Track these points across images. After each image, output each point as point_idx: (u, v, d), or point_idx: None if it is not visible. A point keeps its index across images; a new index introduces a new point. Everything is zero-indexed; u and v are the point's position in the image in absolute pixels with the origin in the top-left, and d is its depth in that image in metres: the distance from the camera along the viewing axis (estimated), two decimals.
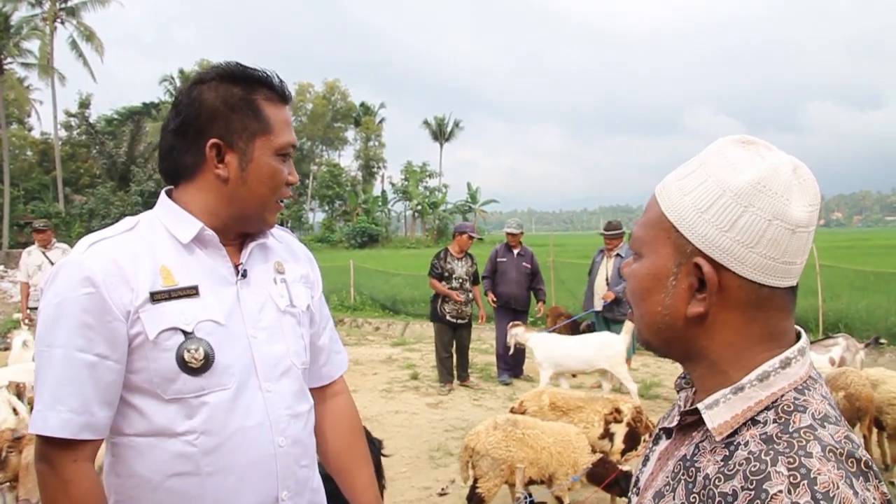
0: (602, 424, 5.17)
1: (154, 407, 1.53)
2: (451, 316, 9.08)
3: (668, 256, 1.00)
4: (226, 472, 1.55)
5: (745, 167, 0.96)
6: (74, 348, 1.47)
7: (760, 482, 0.86)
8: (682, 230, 0.99)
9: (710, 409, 0.97)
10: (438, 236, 59.33)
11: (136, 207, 35.83)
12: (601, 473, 4.49)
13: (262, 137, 1.59)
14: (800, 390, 0.96)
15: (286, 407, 1.65)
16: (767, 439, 0.91)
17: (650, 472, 1.10)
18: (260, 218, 1.66)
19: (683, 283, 0.99)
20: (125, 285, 1.50)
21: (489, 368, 10.12)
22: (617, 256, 8.84)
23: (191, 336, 1.53)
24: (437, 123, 74.94)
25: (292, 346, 1.70)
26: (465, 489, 5.05)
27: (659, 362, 10.80)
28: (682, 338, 1.02)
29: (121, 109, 48.57)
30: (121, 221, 1.66)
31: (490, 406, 8.24)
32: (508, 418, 4.69)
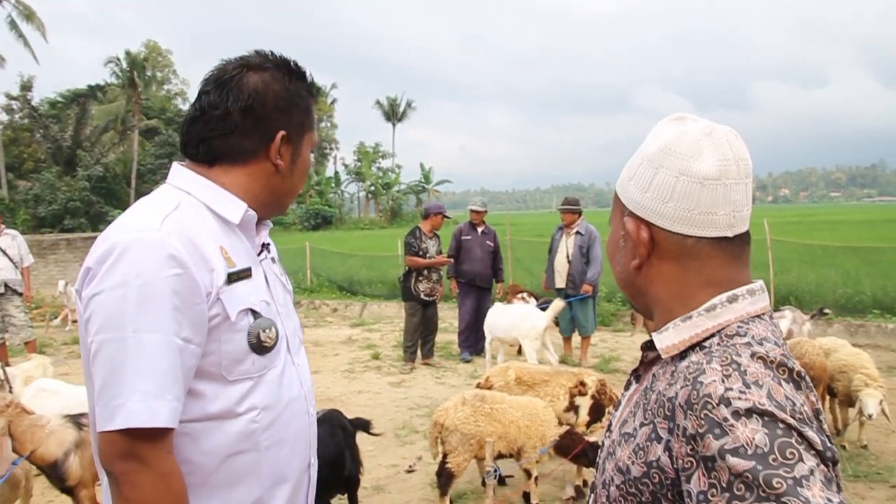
0: (567, 397, 5.24)
1: (214, 390, 1.48)
2: (426, 294, 9.14)
3: (618, 222, 1.18)
4: (281, 444, 1.58)
5: (660, 136, 1.12)
6: (172, 333, 1.37)
7: (696, 377, 0.97)
8: (621, 197, 1.17)
9: (660, 334, 1.10)
10: (392, 217, 59.16)
11: (84, 193, 35.02)
12: (568, 445, 4.56)
13: (309, 135, 1.68)
14: (745, 322, 1.05)
15: (307, 377, 1.73)
16: (707, 352, 1.02)
17: (620, 413, 1.21)
18: (283, 206, 1.72)
19: (629, 243, 1.15)
20: (205, 265, 1.45)
21: (450, 346, 10.17)
22: (577, 234, 8.95)
23: (259, 316, 1.54)
24: (389, 104, 74.48)
25: (297, 321, 1.77)
26: (432, 465, 5.09)
27: (616, 337, 10.98)
28: (639, 290, 1.17)
29: (65, 92, 47.13)
30: (160, 200, 1.53)
31: (452, 384, 8.29)
32: (476, 394, 4.72)
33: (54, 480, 3.95)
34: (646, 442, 1.03)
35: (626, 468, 1.06)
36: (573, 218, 9.01)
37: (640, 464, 1.03)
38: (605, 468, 1.15)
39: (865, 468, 5.28)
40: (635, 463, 1.04)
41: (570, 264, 8.91)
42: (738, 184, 1.07)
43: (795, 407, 0.91)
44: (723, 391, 0.91)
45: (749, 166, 1.09)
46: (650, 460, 1.01)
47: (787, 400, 0.91)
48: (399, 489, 5.18)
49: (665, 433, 0.99)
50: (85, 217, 34.73)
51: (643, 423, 1.06)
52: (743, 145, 1.09)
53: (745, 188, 1.08)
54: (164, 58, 56.90)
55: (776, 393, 0.91)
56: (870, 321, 10.42)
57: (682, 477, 0.95)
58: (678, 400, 0.97)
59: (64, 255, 19.68)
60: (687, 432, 0.93)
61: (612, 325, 11.84)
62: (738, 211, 1.07)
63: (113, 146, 41.57)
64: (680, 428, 0.95)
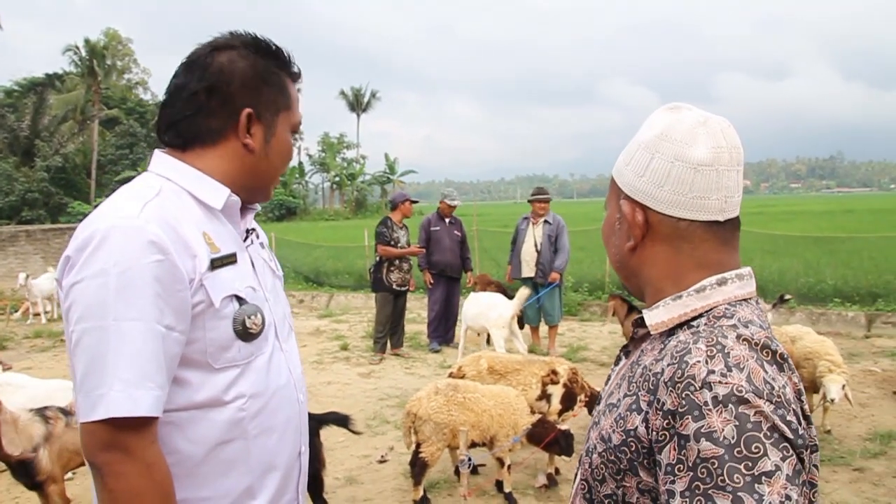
0: (539, 386, 5.27)
1: (200, 378, 1.46)
2: (398, 284, 9.12)
3: (614, 206, 1.22)
4: (269, 432, 1.56)
5: (656, 124, 1.16)
6: (153, 320, 1.35)
7: (682, 356, 1.01)
8: (618, 182, 1.21)
9: (650, 311, 1.15)
10: (357, 208, 58.95)
11: (43, 184, 34.41)
12: (541, 434, 4.59)
13: (285, 113, 1.63)
14: (733, 304, 1.10)
15: (297, 364, 1.71)
16: (694, 332, 1.07)
17: (607, 387, 1.26)
18: (266, 190, 1.68)
19: (624, 225, 1.19)
20: (187, 251, 1.42)
21: (418, 337, 10.18)
22: (545, 223, 9.00)
23: (244, 302, 1.51)
24: (353, 94, 74.01)
25: (287, 307, 1.75)
26: (404, 455, 5.10)
27: (584, 327, 11.06)
28: (632, 271, 1.21)
29: (22, 81, 46.31)
30: (141, 185, 1.51)
31: (422, 374, 8.29)
32: (449, 383, 4.73)
33: (21, 477, 3.88)
34: (626, 412, 1.09)
35: (607, 437, 1.11)
36: (546, 207, 9.05)
37: (619, 432, 1.08)
38: (589, 436, 1.20)
39: (829, 452, 5.39)
40: (616, 431, 1.09)
41: (539, 253, 8.95)
42: (730, 170, 1.12)
43: (774, 390, 0.96)
44: (705, 373, 0.96)
45: (741, 154, 1.14)
46: (628, 429, 1.06)
47: (765, 384, 0.96)
48: (372, 479, 5.17)
49: (645, 405, 1.05)
50: (44, 208, 34.16)
51: (626, 395, 1.11)
52: (735, 134, 1.14)
53: (737, 175, 1.13)
54: (124, 46, 55.98)
55: (755, 376, 0.96)
56: (830, 309, 10.62)
57: (654, 448, 1.01)
58: (663, 377, 1.02)
59: (24, 247, 19.26)
60: (665, 407, 0.99)
61: (580, 315, 11.91)
62: (729, 196, 1.12)
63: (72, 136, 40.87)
64: (659, 402, 1.01)
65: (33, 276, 13.95)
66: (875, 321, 10.23)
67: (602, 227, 1.29)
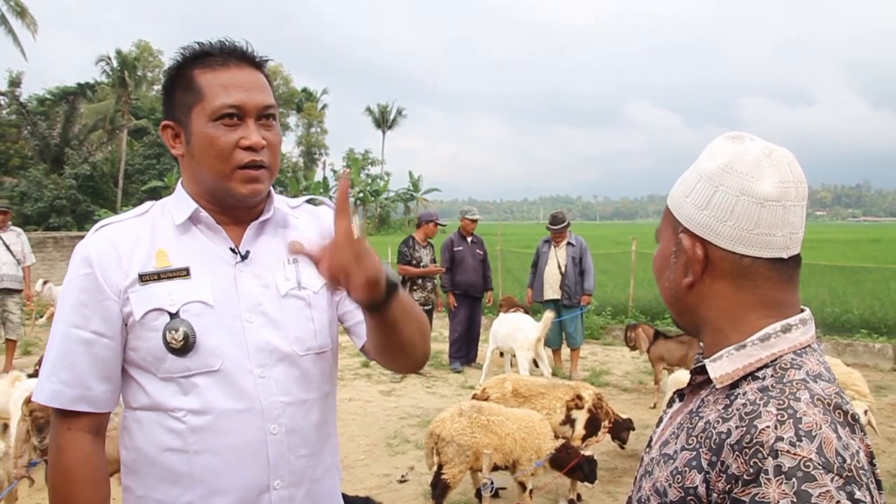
0: (564, 411, 5.24)
1: (152, 383, 1.56)
2: (420, 303, 9.06)
3: (670, 238, 1.17)
4: (213, 453, 1.54)
5: (719, 154, 1.11)
6: (71, 325, 1.55)
7: (752, 419, 0.97)
8: (675, 213, 1.15)
9: (713, 362, 1.10)
10: (380, 224, 59.12)
11: (71, 191, 34.80)
12: (564, 459, 4.56)
13: (197, 107, 1.56)
14: (798, 353, 1.06)
15: (283, 394, 1.59)
16: (763, 389, 1.02)
17: (661, 429, 1.22)
18: (225, 191, 1.58)
19: (681, 259, 1.14)
20: (118, 267, 1.55)
21: (440, 356, 10.14)
22: (568, 245, 8.98)
23: (175, 317, 1.53)
24: (380, 111, 74.41)
25: (293, 333, 1.63)
26: (425, 475, 5.08)
27: (607, 351, 10.99)
28: (688, 308, 1.16)
29: (54, 89, 46.90)
30: (140, 206, 1.71)
31: (443, 393, 8.27)
32: (473, 405, 4.72)
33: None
34: (685, 467, 1.04)
35: (663, 490, 1.07)
36: (563, 235, 9.05)
37: (677, 488, 1.04)
38: (641, 485, 1.15)
39: None
40: (672, 486, 1.05)
41: (564, 275, 8.93)
42: (796, 206, 1.08)
43: (846, 463, 0.91)
44: (773, 440, 0.93)
45: (806, 189, 1.10)
46: (687, 486, 1.02)
47: (836, 456, 0.91)
48: (391, 499, 5.15)
49: (707, 465, 1.00)
50: (71, 216, 34.53)
51: (685, 448, 1.06)
52: (800, 168, 1.10)
53: (802, 210, 1.09)
54: (154, 58, 56.60)
55: (827, 447, 0.91)
56: (857, 340, 10.47)
57: None
58: (730, 439, 0.97)
59: (51, 253, 19.48)
60: (730, 470, 0.96)
61: (602, 339, 11.85)
62: (794, 233, 1.08)
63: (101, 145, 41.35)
64: (724, 465, 0.97)
65: (58, 282, 14.06)
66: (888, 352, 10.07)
67: (654, 259, 1.23)
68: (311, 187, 59.24)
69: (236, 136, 1.55)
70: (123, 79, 43.56)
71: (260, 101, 1.58)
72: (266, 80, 1.64)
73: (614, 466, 5.80)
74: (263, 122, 1.59)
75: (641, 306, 12.88)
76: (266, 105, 1.59)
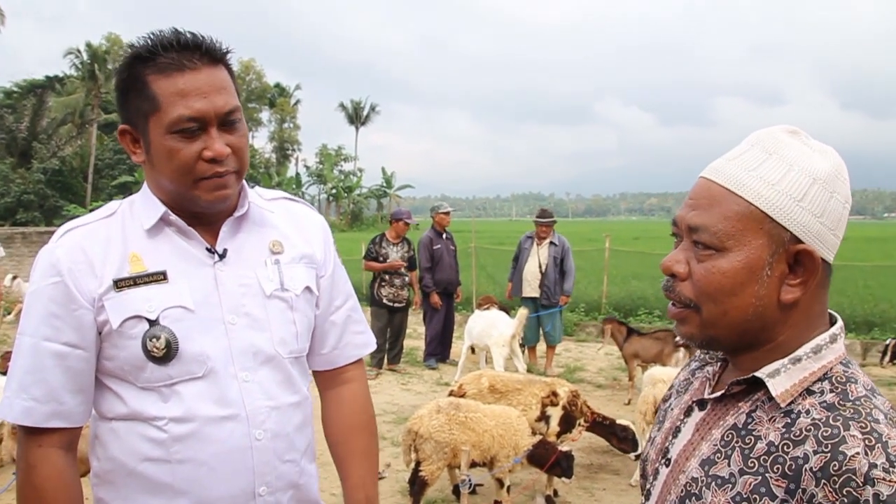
0: (539, 407, 5.26)
1: (131, 393, 1.50)
2: (388, 300, 9.06)
3: (763, 247, 1.00)
4: (196, 462, 1.49)
5: (824, 154, 1.02)
6: (41, 337, 1.47)
7: (836, 445, 0.91)
8: (780, 219, 0.99)
9: (772, 378, 1.01)
10: (353, 220, 59.01)
11: (39, 185, 34.36)
12: (542, 455, 4.58)
13: (153, 117, 1.44)
14: (844, 364, 1.02)
15: (267, 398, 1.56)
16: (829, 407, 0.96)
17: (687, 442, 1.11)
18: (190, 199, 1.51)
19: (777, 272, 1.01)
20: (91, 273, 1.47)
21: (415, 353, 10.13)
22: (551, 244, 8.97)
23: (155, 324, 1.47)
24: (353, 107, 74.15)
25: (277, 334, 1.59)
26: (402, 472, 5.07)
27: (581, 347, 11.05)
28: (764, 326, 1.03)
29: (21, 82, 46.15)
30: (104, 206, 1.62)
31: (419, 390, 8.27)
32: (451, 402, 4.72)
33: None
34: (752, 494, 0.97)
35: None
36: (550, 230, 9.04)
37: None
38: None
39: None
40: None
41: (544, 274, 8.93)
42: None
43: None
44: (867, 467, 0.89)
45: None
46: None
47: None
48: None
49: (782, 492, 0.95)
50: (39, 211, 34.10)
51: (745, 472, 0.99)
52: None
53: None
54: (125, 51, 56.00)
55: None
56: None
57: None
58: (809, 464, 0.92)
59: (19, 248, 19.14)
60: (815, 500, 0.91)
61: (576, 335, 11.91)
62: None
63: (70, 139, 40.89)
64: (805, 493, 0.92)
65: (26, 278, 13.83)
66: (870, 350, 10.27)
67: (724, 273, 1.02)
68: (284, 183, 58.92)
69: (197, 147, 1.45)
70: (93, 72, 43.05)
71: (221, 106, 1.46)
72: (229, 74, 1.52)
73: (590, 462, 5.84)
74: (226, 126, 1.49)
75: (615, 303, 12.97)
76: (228, 110, 1.47)
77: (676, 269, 1.07)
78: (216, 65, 1.48)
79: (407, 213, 9.55)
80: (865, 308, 11.50)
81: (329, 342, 1.78)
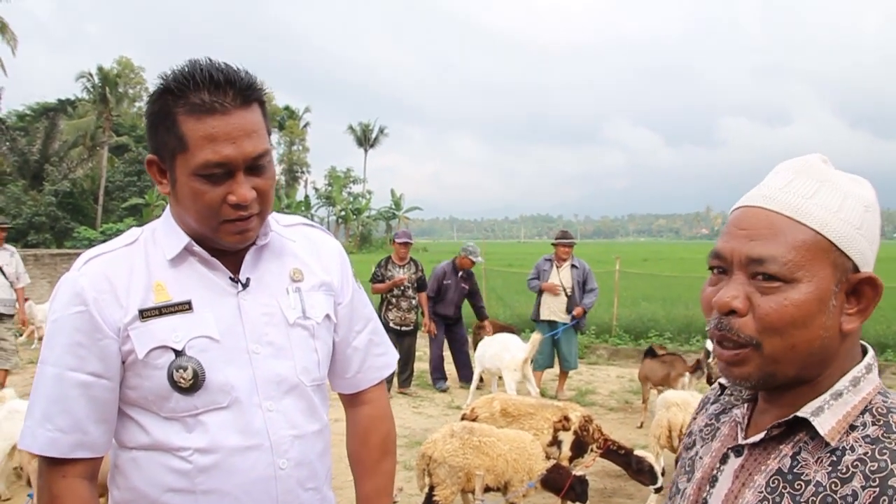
0: (551, 432, 5.23)
1: (154, 423, 1.50)
2: (395, 323, 9.03)
3: (829, 277, 0.98)
4: (221, 493, 1.50)
5: (861, 182, 1.03)
6: (66, 367, 1.46)
7: (885, 479, 0.90)
8: (844, 248, 0.98)
9: (816, 417, 0.98)
10: (362, 242, 59.09)
11: (50, 208, 34.50)
12: (556, 480, 4.55)
13: (181, 156, 1.43)
14: (883, 393, 1.01)
15: (290, 427, 1.57)
16: (874, 441, 0.95)
17: (728, 491, 1.07)
18: (213, 239, 1.52)
19: (839, 301, 0.99)
20: (116, 302, 1.48)
21: (425, 376, 10.09)
22: (572, 267, 8.89)
23: (181, 354, 1.47)
24: (362, 129, 74.50)
25: (300, 363, 1.60)
26: (415, 497, 5.06)
27: (591, 370, 11.01)
28: (825, 359, 1.00)
29: (34, 105, 46.58)
30: (125, 233, 1.61)
31: (430, 413, 8.25)
32: (465, 426, 4.71)
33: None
34: None
35: None
36: (570, 252, 8.97)
37: None
38: None
39: None
40: None
41: (570, 298, 8.83)
42: None
43: None
44: None
45: None
46: None
47: None
48: None
49: None
50: (50, 233, 34.22)
51: None
52: None
53: None
54: (136, 75, 56.38)
55: None
56: None
57: None
58: (859, 501, 0.91)
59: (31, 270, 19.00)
60: None
61: (587, 358, 11.87)
62: None
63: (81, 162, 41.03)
64: None
65: (39, 300, 13.89)
66: (884, 372, 10.19)
67: (796, 305, 0.97)
68: (293, 205, 59.14)
69: (222, 191, 1.44)
70: (104, 95, 43.37)
71: (250, 151, 1.44)
72: (261, 113, 1.50)
73: (604, 487, 5.81)
74: (254, 171, 1.47)
75: (625, 325, 12.95)
76: (257, 155, 1.46)
77: (735, 304, 1.00)
78: (248, 105, 1.46)
79: (405, 234, 9.60)
80: (878, 329, 11.42)
81: (352, 367, 1.80)
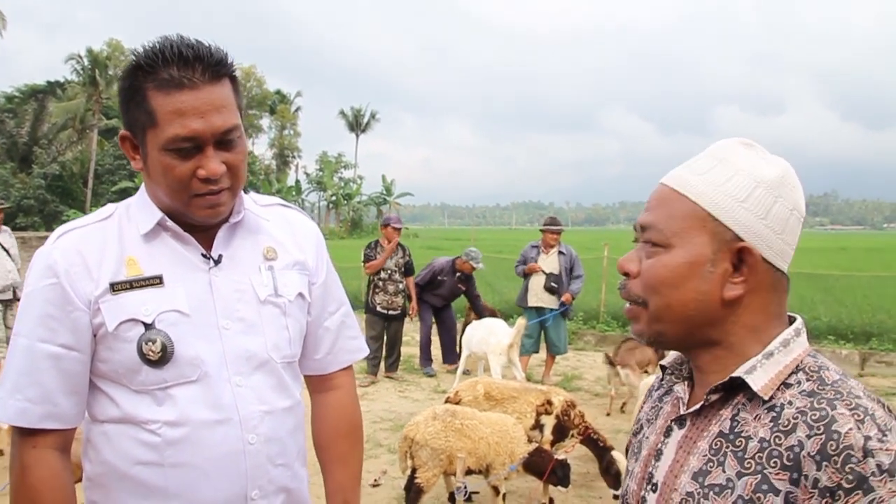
0: (534, 415, 5.26)
1: (124, 396, 1.52)
2: (382, 307, 9.02)
3: (705, 244, 1.06)
4: (189, 466, 1.51)
5: (772, 162, 1.08)
6: (36, 339, 1.48)
7: (828, 425, 0.95)
8: (722, 218, 1.05)
9: (749, 375, 1.04)
10: (353, 228, 59.00)
11: (39, 190, 34.40)
12: (537, 463, 4.58)
13: (151, 131, 1.45)
14: (812, 355, 1.07)
15: (260, 402, 1.58)
16: (810, 394, 1.00)
17: (672, 461, 1.11)
18: (184, 213, 1.53)
19: (720, 269, 1.05)
20: (87, 275, 1.49)
21: (412, 360, 10.11)
22: (560, 254, 8.85)
23: (150, 327, 1.48)
24: (353, 114, 74.18)
25: (271, 339, 1.61)
26: (398, 479, 5.08)
27: (578, 356, 11.04)
28: (710, 322, 1.08)
29: (22, 87, 46.19)
30: (102, 209, 1.63)
31: (416, 398, 8.27)
32: (447, 409, 4.72)
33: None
34: (753, 493, 0.98)
35: None
36: (558, 238, 8.93)
37: None
38: None
39: None
40: None
41: (547, 278, 8.77)
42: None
43: None
44: (863, 441, 0.92)
45: None
46: None
47: None
48: (364, 503, 5.14)
49: (785, 485, 0.96)
50: (39, 216, 34.16)
51: (743, 473, 1.00)
52: None
53: None
54: (126, 57, 55.92)
55: None
56: (824, 347, 10.62)
57: None
58: (806, 450, 0.95)
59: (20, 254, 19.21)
60: (820, 483, 0.93)
61: (574, 344, 11.88)
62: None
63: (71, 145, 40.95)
64: (810, 479, 0.94)
65: None
66: (868, 360, 10.28)
67: (667, 267, 1.08)
68: (284, 190, 59.00)
69: (192, 165, 1.45)
70: (94, 78, 43.17)
71: (219, 125, 1.45)
72: (232, 86, 1.50)
73: (587, 471, 5.84)
74: (224, 145, 1.48)
75: (613, 312, 12.97)
76: (226, 129, 1.46)
77: (628, 267, 1.14)
78: (218, 80, 1.46)
79: (395, 219, 9.57)
80: (864, 318, 11.49)
81: (323, 348, 1.81)
